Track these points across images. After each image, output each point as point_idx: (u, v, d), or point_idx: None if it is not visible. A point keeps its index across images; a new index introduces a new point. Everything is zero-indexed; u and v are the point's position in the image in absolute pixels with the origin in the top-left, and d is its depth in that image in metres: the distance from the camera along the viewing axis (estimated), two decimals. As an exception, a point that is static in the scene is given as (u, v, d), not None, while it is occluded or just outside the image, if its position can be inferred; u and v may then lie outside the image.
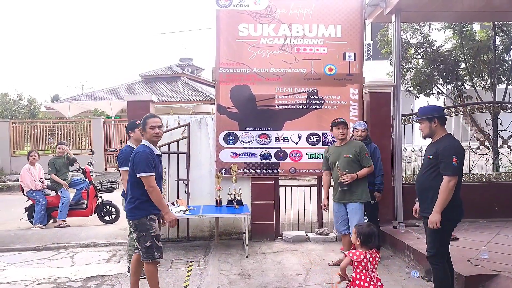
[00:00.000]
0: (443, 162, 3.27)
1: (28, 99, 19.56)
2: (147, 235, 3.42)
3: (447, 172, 3.25)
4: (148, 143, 3.52)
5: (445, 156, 3.26)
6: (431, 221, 3.25)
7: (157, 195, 3.39)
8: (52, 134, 15.01)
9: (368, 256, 3.09)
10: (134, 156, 3.43)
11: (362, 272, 3.09)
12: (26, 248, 5.66)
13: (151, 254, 3.44)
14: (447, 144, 3.32)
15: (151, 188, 3.35)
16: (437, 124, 3.42)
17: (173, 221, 3.51)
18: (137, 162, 3.37)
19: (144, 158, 3.36)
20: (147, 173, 3.34)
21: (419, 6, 5.74)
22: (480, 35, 8.67)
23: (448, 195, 3.23)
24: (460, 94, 8.67)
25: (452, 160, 3.22)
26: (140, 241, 3.45)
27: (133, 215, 3.44)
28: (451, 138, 3.40)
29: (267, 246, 5.49)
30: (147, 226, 3.42)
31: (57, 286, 4.29)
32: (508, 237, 5.03)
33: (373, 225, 3.28)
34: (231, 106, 5.77)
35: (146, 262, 3.49)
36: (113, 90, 22.85)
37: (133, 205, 3.43)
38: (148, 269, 3.52)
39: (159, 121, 3.56)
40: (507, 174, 6.46)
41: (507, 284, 3.53)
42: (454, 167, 3.23)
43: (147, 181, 3.34)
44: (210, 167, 5.86)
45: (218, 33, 5.75)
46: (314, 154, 5.85)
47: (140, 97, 6.40)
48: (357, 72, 5.86)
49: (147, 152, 3.42)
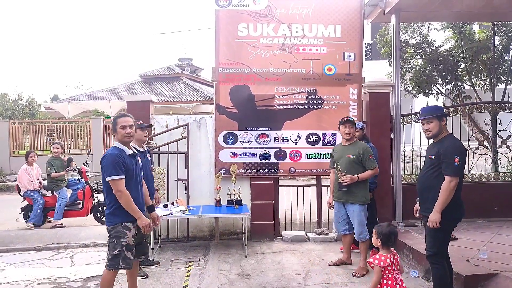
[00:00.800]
0: (445, 162, 3.27)
1: (28, 99, 19.56)
2: (117, 242, 3.23)
3: (448, 172, 3.24)
4: (119, 144, 3.35)
5: (447, 156, 3.26)
6: (431, 220, 3.25)
7: (126, 200, 3.19)
8: (51, 134, 14.99)
9: (392, 259, 3.04)
10: (102, 159, 3.27)
11: (388, 277, 3.01)
12: (26, 248, 5.66)
13: (116, 264, 3.25)
14: (450, 144, 3.31)
15: (119, 193, 3.17)
16: (445, 123, 3.40)
17: (147, 226, 3.30)
18: (104, 166, 3.20)
19: (111, 161, 3.19)
20: (114, 177, 3.16)
21: (419, 6, 5.75)
22: (480, 35, 8.68)
23: (449, 195, 3.23)
24: (459, 94, 8.68)
25: (454, 160, 3.22)
26: (109, 247, 3.29)
27: (108, 221, 3.29)
28: (453, 138, 3.39)
29: (267, 246, 5.50)
30: (119, 233, 3.23)
31: (57, 286, 4.29)
32: (507, 237, 5.04)
33: (393, 225, 3.19)
34: (231, 106, 5.77)
35: (106, 269, 3.29)
36: (112, 90, 22.85)
37: (109, 210, 3.27)
38: (106, 277, 3.31)
39: (130, 120, 3.37)
40: (506, 174, 6.48)
41: (506, 284, 3.54)
42: (455, 167, 3.22)
43: (115, 185, 3.17)
44: (209, 167, 5.86)
45: (218, 33, 5.76)
46: (314, 154, 5.85)
47: (139, 97, 6.40)
48: (357, 72, 5.86)
49: (115, 154, 3.24)
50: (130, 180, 3.28)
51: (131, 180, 3.30)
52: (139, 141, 4.61)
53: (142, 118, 5.10)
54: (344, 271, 4.45)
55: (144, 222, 3.28)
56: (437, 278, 3.39)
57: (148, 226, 3.30)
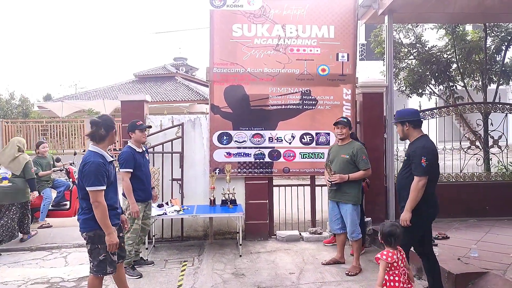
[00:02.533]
0: (414, 162, 3.46)
1: (20, 98, 19.41)
2: (102, 248, 3.14)
3: (416, 172, 3.42)
4: (98, 149, 3.21)
5: (415, 157, 3.44)
6: (402, 219, 3.44)
7: (102, 213, 3.06)
8: (45, 134, 14.91)
9: (398, 255, 3.06)
10: (83, 166, 3.10)
11: (395, 273, 3.02)
12: (19, 248, 5.63)
13: (102, 269, 3.18)
14: (419, 145, 3.49)
15: (97, 203, 3.05)
16: (408, 128, 3.61)
17: (114, 245, 3.14)
18: (87, 174, 3.07)
19: (94, 170, 3.06)
20: (96, 187, 3.05)
21: (412, 7, 5.79)
22: (472, 36, 8.77)
23: (417, 194, 3.38)
24: (451, 95, 8.76)
25: (421, 161, 3.38)
26: (92, 254, 3.17)
27: (87, 226, 3.14)
28: (423, 140, 3.55)
29: (261, 246, 5.53)
30: (103, 238, 3.12)
31: (51, 286, 4.29)
32: (497, 236, 5.11)
33: (397, 225, 3.20)
34: (225, 106, 5.79)
35: (93, 275, 3.21)
36: (106, 89, 22.73)
37: (88, 215, 3.13)
38: (93, 282, 3.24)
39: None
40: (497, 173, 6.56)
41: (496, 281, 3.60)
42: (422, 167, 3.38)
43: (95, 195, 3.05)
44: (204, 167, 5.87)
45: (212, 33, 5.77)
46: (308, 154, 5.89)
47: (134, 97, 6.39)
48: (350, 73, 5.90)
49: (98, 163, 3.10)
50: (110, 186, 3.24)
51: (111, 186, 3.26)
52: (138, 142, 4.62)
53: (136, 117, 5.10)
54: (337, 270, 4.49)
55: (113, 240, 3.14)
56: None
57: (115, 245, 3.16)
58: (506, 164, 6.66)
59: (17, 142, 5.93)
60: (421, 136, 3.59)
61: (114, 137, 3.37)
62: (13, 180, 5.68)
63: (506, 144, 6.49)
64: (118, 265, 3.41)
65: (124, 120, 5.67)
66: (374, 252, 5.05)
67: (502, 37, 8.22)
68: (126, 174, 4.40)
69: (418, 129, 3.62)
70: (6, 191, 5.59)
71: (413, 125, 3.59)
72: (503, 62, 8.25)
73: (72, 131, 15.03)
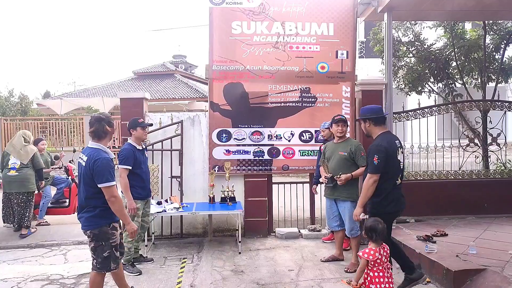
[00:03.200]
0: (367, 160, 3.66)
1: (19, 96, 19.41)
2: (106, 244, 3.19)
3: (368, 169, 3.59)
4: (102, 146, 3.27)
5: (369, 155, 3.61)
6: (354, 213, 3.70)
7: (120, 206, 3.18)
8: (44, 131, 14.89)
9: (382, 252, 3.12)
10: (94, 163, 3.13)
11: (378, 269, 3.10)
12: (19, 245, 5.64)
13: (107, 265, 3.22)
14: (374, 144, 3.62)
15: (113, 198, 3.12)
16: (370, 125, 3.71)
17: (134, 232, 3.33)
18: (100, 171, 3.11)
19: (107, 166, 3.14)
20: (110, 183, 3.12)
21: (411, 5, 5.79)
22: (471, 34, 8.77)
23: (368, 191, 3.55)
24: (450, 92, 8.77)
25: (373, 159, 3.51)
26: (96, 251, 3.21)
27: (92, 224, 3.18)
28: (380, 138, 3.63)
29: (260, 243, 5.54)
30: (108, 235, 3.19)
31: (50, 283, 4.30)
32: (496, 233, 5.13)
33: (379, 221, 3.27)
34: (224, 103, 5.79)
35: (96, 272, 3.26)
36: (105, 87, 22.67)
37: (93, 213, 3.17)
38: (96, 279, 3.28)
39: None
40: (496, 171, 6.57)
41: (494, 278, 3.61)
42: (374, 165, 3.51)
43: (110, 190, 3.11)
44: (203, 164, 5.88)
45: (211, 30, 5.77)
46: (307, 152, 5.89)
47: (133, 94, 6.39)
48: (350, 70, 5.91)
49: (109, 159, 3.19)
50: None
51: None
52: (139, 139, 4.63)
53: (135, 115, 5.10)
54: (336, 267, 4.51)
55: (133, 228, 3.31)
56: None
57: (134, 233, 3.35)
58: (504, 162, 6.68)
59: (22, 134, 6.21)
60: (382, 133, 3.66)
61: (113, 133, 3.41)
62: (20, 170, 5.96)
63: (505, 142, 6.51)
64: None
65: (124, 118, 5.66)
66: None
67: (501, 35, 8.22)
68: (124, 170, 4.40)
69: (380, 126, 3.69)
70: (14, 180, 5.92)
71: (374, 122, 3.68)
72: (502, 60, 8.25)
73: (71, 128, 15.02)
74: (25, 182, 5.97)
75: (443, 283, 3.84)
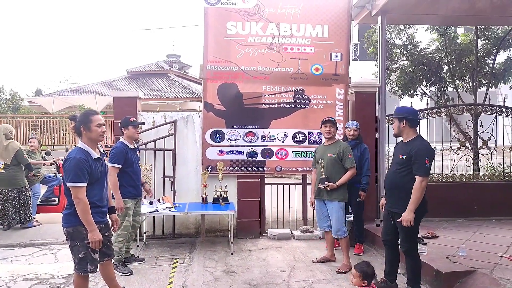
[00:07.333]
0: (417, 163, 3.47)
1: (10, 93, 19.18)
2: (81, 245, 3.06)
3: (420, 172, 3.44)
4: (85, 146, 3.15)
5: (419, 157, 3.46)
6: (406, 219, 3.44)
7: (83, 209, 2.99)
8: (35, 129, 14.73)
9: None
10: (65, 162, 3.07)
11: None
12: (8, 244, 5.57)
13: (83, 267, 3.10)
14: (420, 146, 3.52)
15: (77, 200, 2.98)
16: (405, 125, 3.64)
17: (97, 242, 3.05)
18: (67, 170, 3.02)
19: (74, 166, 3.00)
20: (75, 183, 2.99)
21: (405, 9, 5.84)
22: (463, 39, 8.87)
23: (421, 194, 3.43)
24: (442, 96, 8.86)
25: (425, 161, 3.42)
26: (73, 251, 3.11)
27: (68, 221, 3.08)
28: (422, 140, 3.59)
29: (252, 243, 5.54)
30: (82, 235, 3.05)
31: (40, 282, 4.25)
32: (485, 235, 5.19)
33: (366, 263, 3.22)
34: (218, 103, 5.79)
35: (76, 273, 3.16)
36: (98, 85, 22.54)
37: (69, 211, 3.08)
38: (77, 281, 3.19)
39: (102, 119, 3.25)
40: (486, 174, 6.65)
41: (483, 280, 3.66)
42: (426, 168, 3.43)
43: (75, 191, 2.99)
44: (196, 165, 5.87)
45: (206, 30, 5.76)
46: (300, 153, 5.91)
47: (126, 93, 6.36)
48: (343, 73, 5.94)
49: (79, 159, 3.04)
50: (95, 183, 3.15)
51: (96, 183, 3.17)
52: (131, 138, 4.60)
53: (129, 114, 5.07)
54: (328, 268, 4.52)
55: (95, 237, 3.04)
56: (415, 269, 3.62)
57: (98, 243, 3.06)
58: (495, 165, 6.77)
59: (3, 130, 6.05)
60: (417, 136, 3.63)
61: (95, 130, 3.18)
62: (7, 168, 5.93)
63: (495, 146, 6.60)
64: (107, 262, 3.36)
65: (117, 117, 5.63)
66: (365, 250, 5.10)
67: (492, 40, 8.32)
68: (114, 169, 4.36)
69: (414, 129, 3.66)
70: (1, 178, 5.90)
71: (410, 124, 3.63)
72: (493, 65, 8.36)
73: (63, 126, 14.87)
74: (12, 179, 5.96)
75: (433, 285, 3.88)
